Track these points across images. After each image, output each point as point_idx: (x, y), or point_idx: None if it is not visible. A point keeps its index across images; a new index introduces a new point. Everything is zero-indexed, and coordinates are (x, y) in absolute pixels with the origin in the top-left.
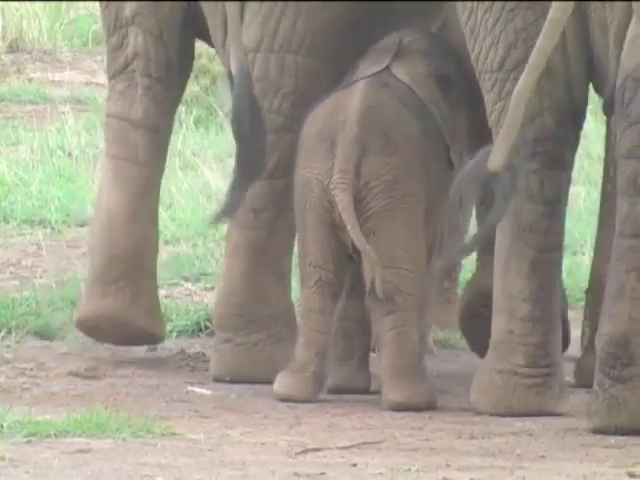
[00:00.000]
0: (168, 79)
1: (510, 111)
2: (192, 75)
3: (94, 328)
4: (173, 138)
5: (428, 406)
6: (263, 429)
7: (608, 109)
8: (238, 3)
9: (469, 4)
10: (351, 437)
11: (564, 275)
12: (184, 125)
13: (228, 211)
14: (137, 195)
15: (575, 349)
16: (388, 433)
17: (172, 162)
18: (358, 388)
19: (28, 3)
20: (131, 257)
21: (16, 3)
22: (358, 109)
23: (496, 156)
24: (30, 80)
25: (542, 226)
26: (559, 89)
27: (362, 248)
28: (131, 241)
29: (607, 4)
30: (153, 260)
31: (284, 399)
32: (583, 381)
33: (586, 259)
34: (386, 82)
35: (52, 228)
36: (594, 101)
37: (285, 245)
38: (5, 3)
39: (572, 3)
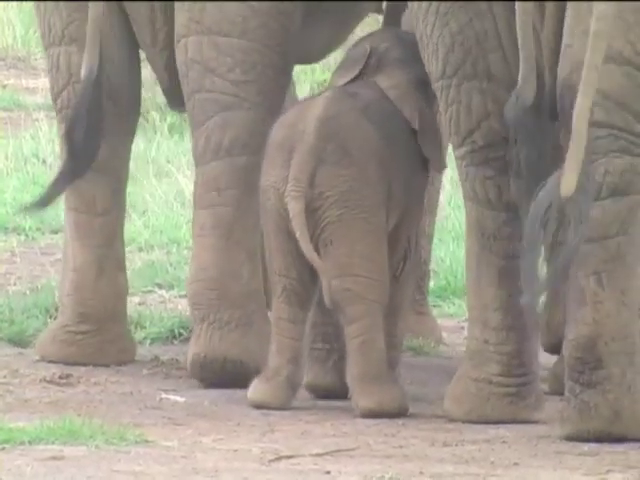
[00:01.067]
0: (113, 106)
1: (574, 134)
2: None
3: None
4: (147, 145)
5: (399, 412)
6: (236, 436)
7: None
8: (100, 4)
9: (414, 12)
10: (324, 444)
11: None
12: (158, 132)
13: (44, 202)
14: (102, 248)
15: (547, 357)
16: (361, 440)
17: (146, 169)
18: (331, 389)
19: (1, 10)
20: (101, 313)
21: None
22: (317, 119)
23: (568, 181)
24: (4, 87)
25: (505, 233)
26: (502, 92)
27: (309, 256)
28: (100, 298)
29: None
30: (124, 306)
31: (258, 406)
32: (557, 388)
33: None
34: (354, 92)
35: (26, 235)
36: None
37: (253, 223)
38: None
39: (610, 14)
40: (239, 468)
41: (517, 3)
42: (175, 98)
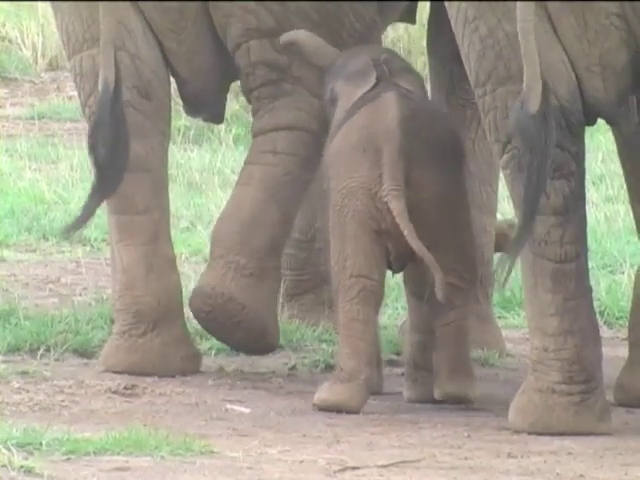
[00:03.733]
0: (147, 104)
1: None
2: (231, 93)
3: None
4: (212, 156)
5: (474, 400)
6: (302, 447)
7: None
8: (112, 14)
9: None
10: (390, 455)
11: (603, 294)
12: (223, 143)
13: (79, 223)
14: (147, 245)
15: (612, 368)
16: (427, 452)
17: (212, 180)
18: None
19: None
20: (156, 311)
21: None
22: (398, 119)
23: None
24: (70, 98)
25: (555, 237)
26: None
27: (420, 253)
28: (152, 294)
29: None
30: (179, 305)
31: (332, 408)
32: (622, 398)
33: (625, 278)
34: (405, 92)
35: (91, 245)
36: None
37: (298, 194)
38: (45, 20)
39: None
40: (304, 479)
41: (517, 10)
42: (194, 104)
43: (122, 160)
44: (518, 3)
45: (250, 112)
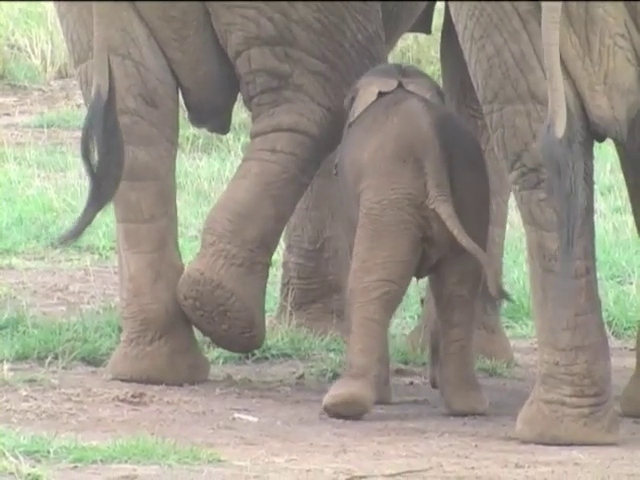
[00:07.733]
0: (153, 112)
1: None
2: (240, 102)
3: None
4: (221, 165)
5: (484, 412)
6: (309, 456)
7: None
8: (107, 21)
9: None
10: (397, 465)
11: (611, 304)
12: (232, 152)
13: (74, 234)
14: (154, 253)
15: (620, 378)
16: (434, 461)
17: (220, 189)
18: None
19: None
20: (163, 318)
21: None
22: (431, 126)
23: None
24: (78, 106)
25: None
26: (546, 111)
27: (473, 250)
28: (159, 301)
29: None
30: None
31: (342, 404)
32: (630, 410)
33: (633, 288)
34: (423, 97)
35: (100, 254)
36: None
37: (295, 194)
38: (54, 28)
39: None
40: None
41: (543, 35)
42: (199, 114)
43: (117, 168)
44: (543, 29)
45: None
